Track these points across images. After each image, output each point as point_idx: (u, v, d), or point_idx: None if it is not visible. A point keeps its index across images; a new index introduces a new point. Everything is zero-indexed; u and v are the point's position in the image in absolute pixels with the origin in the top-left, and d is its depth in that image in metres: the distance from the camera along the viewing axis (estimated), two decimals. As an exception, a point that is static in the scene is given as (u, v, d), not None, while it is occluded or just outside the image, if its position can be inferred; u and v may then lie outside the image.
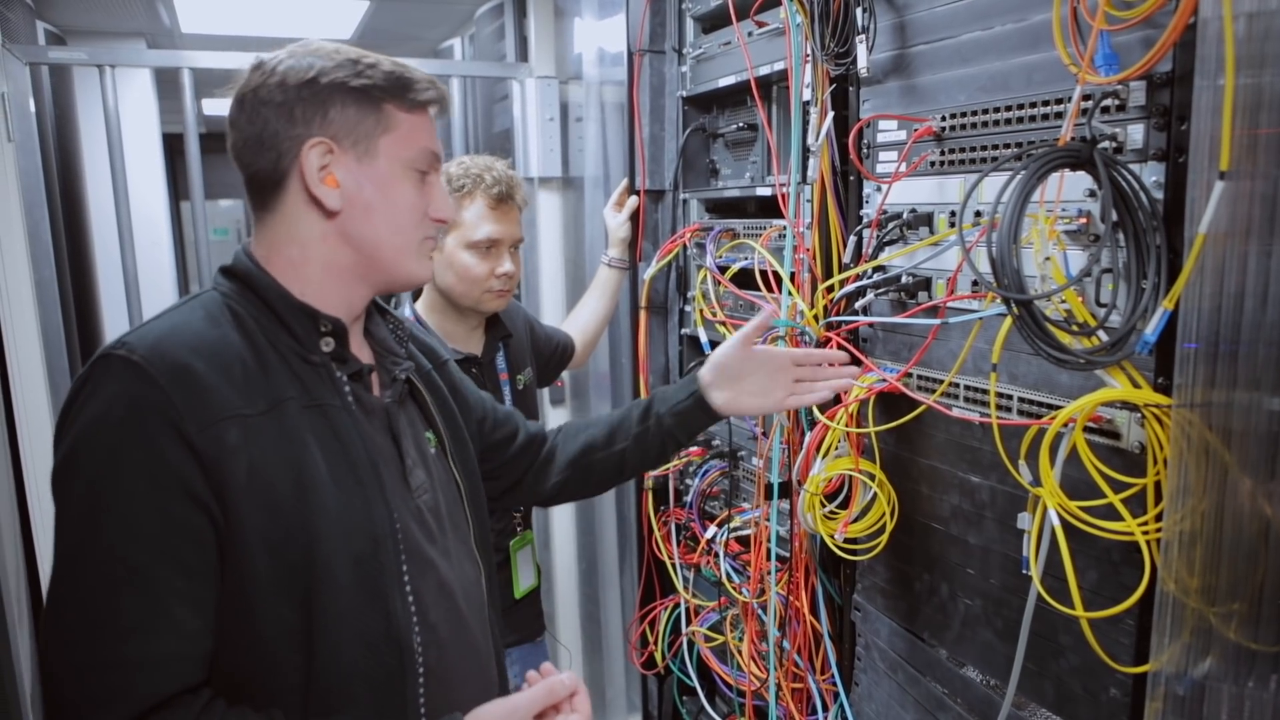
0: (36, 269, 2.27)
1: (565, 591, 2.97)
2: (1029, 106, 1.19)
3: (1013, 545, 1.27)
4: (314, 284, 1.09)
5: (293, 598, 0.99)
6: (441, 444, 1.25)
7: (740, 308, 1.92)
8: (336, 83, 1.05)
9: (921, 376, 1.39)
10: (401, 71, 1.09)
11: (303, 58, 1.06)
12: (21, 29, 2.53)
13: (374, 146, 1.07)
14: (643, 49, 2.17)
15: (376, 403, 1.14)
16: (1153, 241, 1.01)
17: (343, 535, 1.02)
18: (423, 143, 1.11)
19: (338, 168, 1.06)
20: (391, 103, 1.08)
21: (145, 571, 0.93)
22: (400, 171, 1.10)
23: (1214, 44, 0.85)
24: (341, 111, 1.05)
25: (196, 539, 0.95)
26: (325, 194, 1.06)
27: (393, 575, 1.06)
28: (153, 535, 0.93)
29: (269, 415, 1.00)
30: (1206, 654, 0.88)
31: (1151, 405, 1.01)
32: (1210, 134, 0.86)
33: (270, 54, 1.08)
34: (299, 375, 1.05)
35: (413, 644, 1.07)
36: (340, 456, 1.05)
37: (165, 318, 1.04)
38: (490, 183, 1.85)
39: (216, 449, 0.95)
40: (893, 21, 1.42)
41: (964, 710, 1.38)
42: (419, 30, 3.77)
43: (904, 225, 1.40)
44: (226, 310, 1.05)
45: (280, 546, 0.98)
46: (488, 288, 1.86)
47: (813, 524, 1.55)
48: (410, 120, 1.10)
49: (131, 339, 0.98)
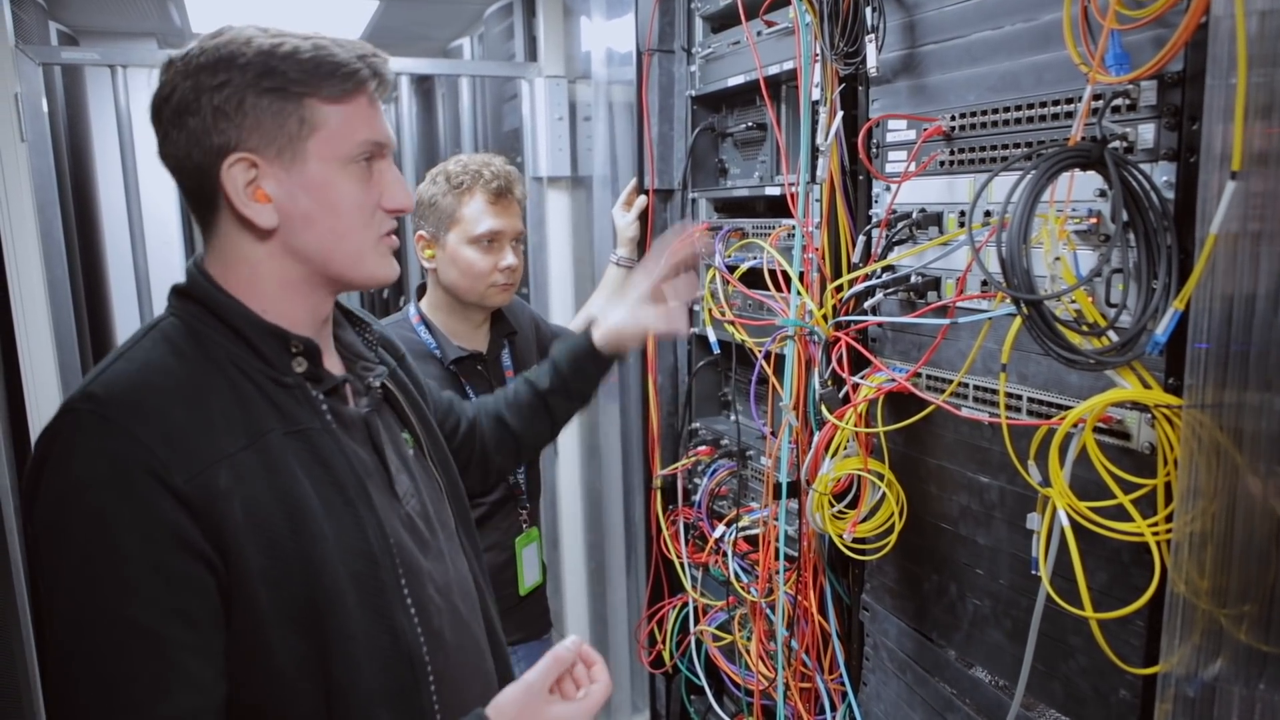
0: (49, 268, 2.29)
1: (573, 590, 2.98)
2: (1039, 106, 1.18)
3: (1022, 546, 1.26)
4: (273, 300, 1.01)
5: (302, 628, 0.96)
6: (419, 443, 1.21)
7: (749, 307, 1.92)
8: (249, 85, 0.94)
9: (930, 376, 1.39)
10: (323, 57, 0.97)
11: (212, 54, 0.94)
12: (34, 29, 2.55)
13: (301, 150, 0.97)
14: (651, 48, 2.17)
15: (355, 415, 1.08)
16: (1163, 242, 1.01)
17: (341, 559, 0.98)
18: (359, 134, 1.00)
19: (265, 181, 0.97)
20: (314, 97, 0.97)
21: (153, 631, 0.89)
22: (337, 171, 0.99)
23: (1226, 43, 0.84)
24: (259, 119, 0.95)
25: (198, 590, 0.91)
26: (257, 212, 0.97)
27: (393, 591, 1.03)
28: (155, 593, 0.89)
29: (252, 449, 0.95)
30: (1217, 656, 0.88)
31: (1162, 406, 1.01)
32: (1222, 134, 0.85)
33: (180, 51, 0.97)
34: (274, 400, 0.99)
35: (421, 655, 1.05)
36: (326, 480, 1.00)
37: (128, 358, 0.96)
38: (489, 178, 1.86)
39: (207, 495, 0.91)
40: (902, 21, 1.41)
41: (972, 711, 1.38)
42: (428, 30, 3.78)
43: (913, 225, 1.39)
44: (190, 337, 0.98)
45: (283, 581, 0.95)
46: (492, 282, 1.88)
47: (821, 523, 1.55)
48: (340, 112, 0.98)
49: (97, 389, 0.92)
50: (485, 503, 1.90)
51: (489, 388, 1.92)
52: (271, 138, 0.96)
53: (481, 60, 3.37)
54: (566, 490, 2.98)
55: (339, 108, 0.98)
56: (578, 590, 2.98)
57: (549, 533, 2.95)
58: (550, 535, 2.97)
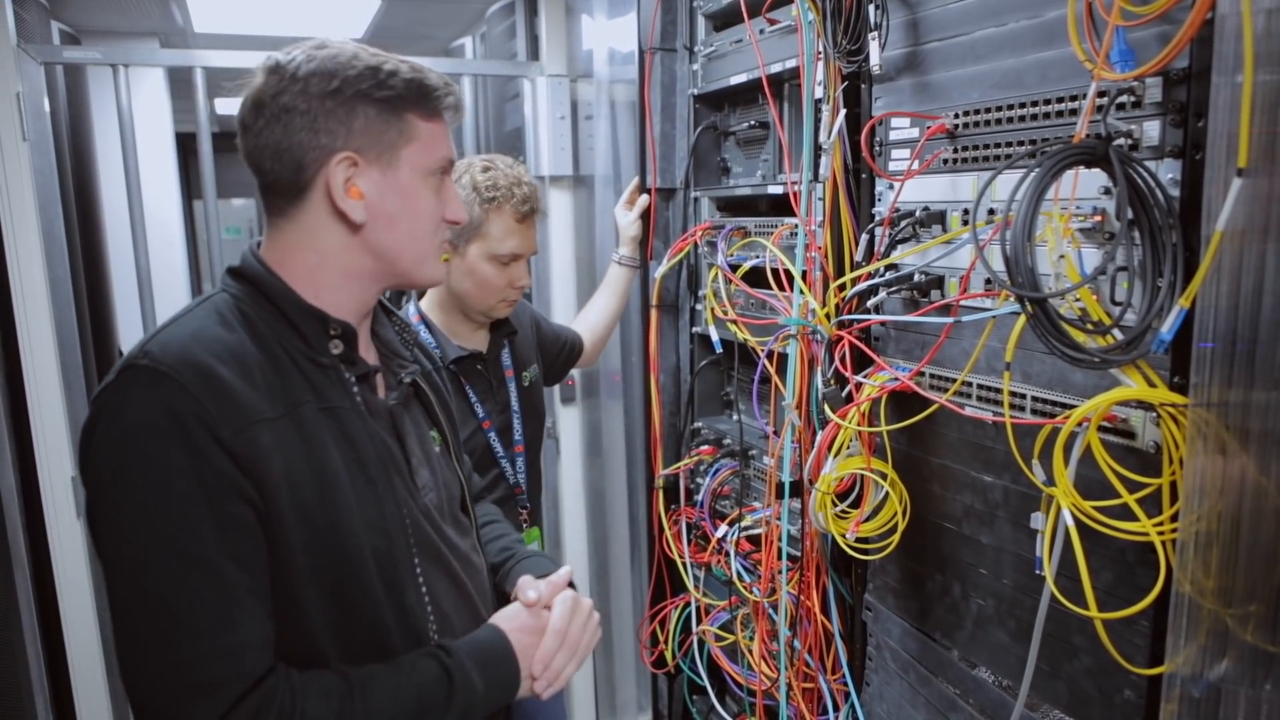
0: (50, 267, 2.28)
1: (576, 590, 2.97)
2: (1043, 104, 1.18)
3: (1026, 545, 1.26)
4: (329, 288, 1.09)
5: (325, 591, 1.03)
6: (446, 442, 1.28)
7: (752, 306, 1.92)
8: (361, 93, 1.04)
9: (934, 375, 1.38)
10: (421, 78, 1.09)
11: (324, 63, 1.04)
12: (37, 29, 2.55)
13: (396, 157, 1.07)
14: (654, 47, 2.17)
15: (381, 404, 1.15)
16: (1169, 239, 1.00)
17: (363, 531, 1.05)
18: (442, 151, 1.12)
19: (361, 179, 1.06)
20: (413, 112, 1.08)
21: (215, 567, 0.95)
22: (421, 180, 1.10)
23: (1232, 40, 0.84)
24: (366, 123, 1.05)
25: (249, 534, 0.98)
26: (351, 207, 1.06)
27: (406, 569, 1.10)
28: (214, 532, 0.95)
29: (289, 418, 1.02)
30: (1223, 656, 0.87)
31: (1167, 404, 1.00)
32: (1228, 131, 0.85)
33: (285, 54, 1.06)
34: (310, 378, 1.06)
35: (428, 633, 1.12)
36: (352, 456, 1.07)
37: (181, 323, 1.03)
38: (520, 199, 1.84)
39: (252, 451, 0.97)
40: (905, 18, 1.41)
41: (976, 711, 1.37)
42: (430, 29, 3.77)
43: (916, 223, 1.39)
44: (238, 313, 1.05)
45: (312, 544, 1.01)
46: (502, 297, 1.88)
47: (824, 523, 1.54)
48: (430, 129, 1.10)
49: (154, 348, 0.98)
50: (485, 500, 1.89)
51: (489, 387, 1.92)
52: (374, 142, 1.06)
53: (483, 59, 3.36)
54: (569, 490, 2.98)
55: (429, 125, 1.10)
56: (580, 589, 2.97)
57: (551, 532, 2.95)
58: (553, 534, 2.96)
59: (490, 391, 1.93)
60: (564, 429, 2.94)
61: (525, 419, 1.99)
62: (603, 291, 2.34)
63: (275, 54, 1.07)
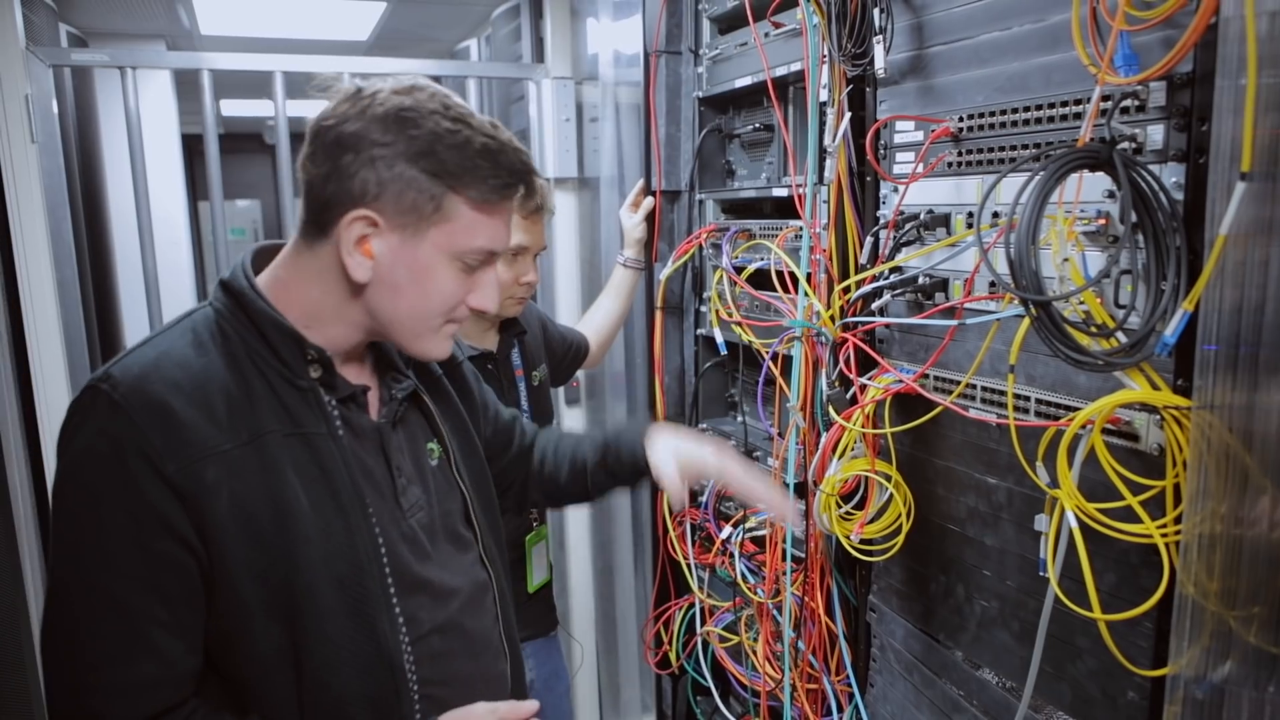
0: (58, 268, 2.29)
1: (580, 591, 2.98)
2: (1048, 107, 1.18)
3: (1030, 547, 1.26)
4: (322, 323, 1.06)
5: (281, 621, 1.01)
6: (447, 454, 1.23)
7: (756, 308, 1.92)
8: (407, 155, 0.99)
9: (938, 378, 1.39)
10: (487, 161, 1.01)
11: (394, 111, 0.99)
12: (45, 31, 2.56)
13: (423, 230, 1.01)
14: (659, 50, 2.17)
15: (368, 425, 1.12)
16: (1172, 243, 1.01)
17: (324, 561, 1.02)
18: (478, 242, 1.04)
19: (377, 240, 1.01)
20: (460, 194, 1.01)
21: (125, 602, 0.96)
22: (444, 262, 1.04)
23: (1236, 44, 0.84)
24: (402, 188, 0.99)
25: (177, 570, 0.97)
26: (356, 264, 1.02)
27: (378, 598, 1.06)
28: (132, 567, 0.96)
29: (250, 446, 1.00)
30: (1226, 658, 0.88)
31: (1171, 407, 1.01)
32: (1231, 134, 0.85)
33: (371, 86, 1.02)
34: (285, 401, 1.03)
35: (403, 664, 1.08)
36: (322, 485, 1.04)
37: (153, 344, 1.03)
38: (525, 194, 1.83)
39: (195, 486, 0.96)
40: (910, 22, 1.41)
41: (980, 712, 1.38)
42: (435, 31, 3.78)
43: (921, 226, 1.39)
44: (217, 331, 1.03)
45: (266, 573, 1.00)
46: (510, 294, 1.87)
47: (828, 524, 1.55)
48: (473, 217, 1.03)
49: (116, 371, 0.98)
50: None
51: (499, 387, 1.92)
52: (403, 210, 1.00)
53: (489, 62, 3.37)
54: (573, 491, 2.98)
55: (476, 213, 1.03)
56: (585, 591, 2.98)
57: (556, 533, 2.95)
58: (558, 535, 2.96)
59: (500, 392, 1.93)
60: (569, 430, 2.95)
61: (535, 418, 1.99)
62: (607, 293, 2.34)
63: (362, 81, 1.04)
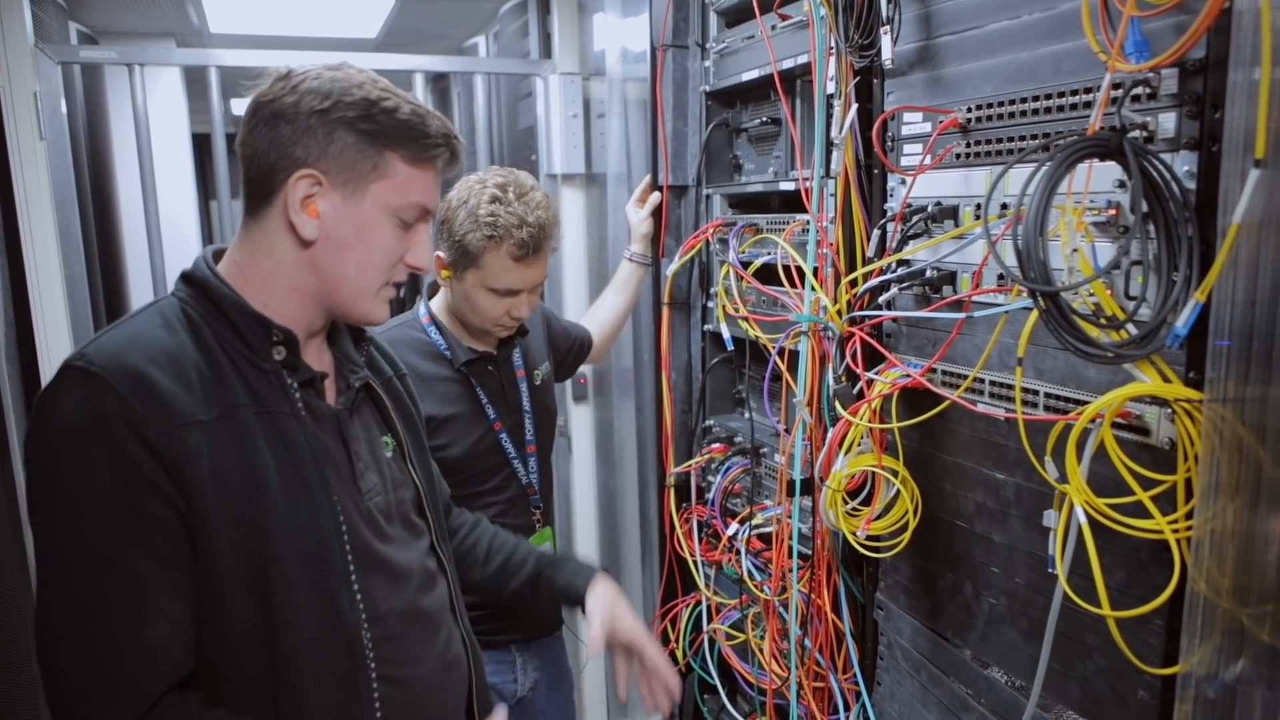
0: (67, 265, 2.30)
1: (587, 589, 2.98)
2: (1057, 96, 1.16)
3: (1038, 543, 1.25)
4: (277, 299, 1.12)
5: (253, 594, 1.04)
6: (400, 447, 1.29)
7: (763, 303, 1.91)
8: (345, 120, 1.07)
9: (946, 372, 1.37)
10: (417, 122, 1.11)
11: (327, 83, 1.07)
12: (54, 29, 2.57)
13: (363, 188, 1.09)
14: (666, 44, 2.17)
15: (327, 410, 1.17)
16: (1184, 232, 0.99)
17: (291, 535, 1.06)
18: (415, 197, 1.13)
19: (322, 200, 1.08)
20: (395, 151, 1.10)
21: (126, 564, 0.98)
22: (383, 217, 1.12)
23: (1250, 30, 0.83)
24: (342, 149, 1.07)
25: (169, 533, 1.00)
26: (303, 223, 1.08)
27: (339, 575, 1.10)
28: (128, 530, 0.98)
29: (223, 420, 1.04)
30: (1238, 656, 0.86)
31: (1182, 400, 0.99)
32: (1245, 121, 0.84)
33: (300, 67, 1.10)
34: (250, 382, 1.08)
35: (362, 640, 1.12)
36: (287, 462, 1.08)
37: (124, 326, 1.07)
38: (518, 241, 1.74)
39: (179, 451, 0.99)
40: (918, 12, 1.40)
41: (988, 711, 1.36)
42: (444, 28, 3.79)
43: (929, 219, 1.38)
44: (183, 317, 1.08)
45: (240, 543, 1.03)
46: (499, 323, 1.84)
47: (835, 521, 1.54)
48: (410, 173, 1.12)
49: (90, 350, 1.01)
50: (498, 501, 1.89)
51: (499, 388, 1.91)
52: (343, 169, 1.08)
53: (496, 58, 3.37)
54: (581, 488, 2.98)
55: (411, 169, 1.12)
56: (591, 588, 2.98)
57: (563, 530, 2.95)
58: (564, 533, 2.96)
59: (501, 392, 1.92)
60: (576, 427, 2.95)
61: (537, 418, 1.98)
62: (613, 288, 2.33)
63: (293, 64, 1.10)
